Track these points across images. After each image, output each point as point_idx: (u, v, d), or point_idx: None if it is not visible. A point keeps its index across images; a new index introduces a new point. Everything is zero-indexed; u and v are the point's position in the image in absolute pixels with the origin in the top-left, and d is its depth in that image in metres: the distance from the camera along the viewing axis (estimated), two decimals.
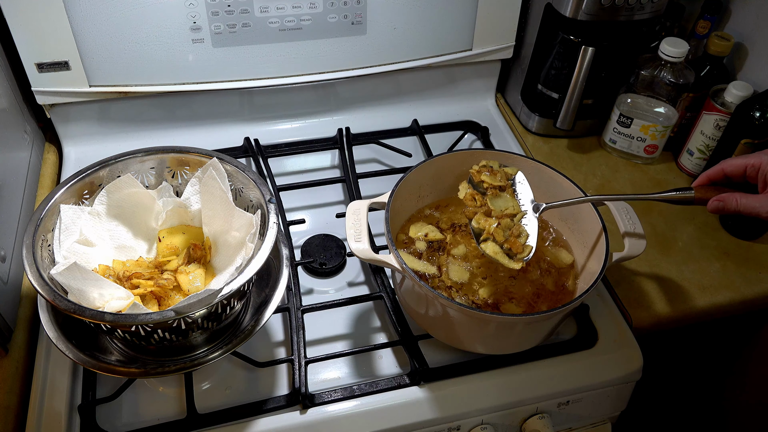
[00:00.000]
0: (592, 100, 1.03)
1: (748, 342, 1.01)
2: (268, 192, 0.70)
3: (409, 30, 1.00)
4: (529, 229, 0.71)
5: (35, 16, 0.84)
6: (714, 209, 0.62)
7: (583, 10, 0.91)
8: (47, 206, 0.67)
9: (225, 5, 0.90)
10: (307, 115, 1.08)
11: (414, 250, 0.77)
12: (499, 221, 0.70)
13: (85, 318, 0.58)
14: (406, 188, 0.76)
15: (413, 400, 0.71)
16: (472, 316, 0.66)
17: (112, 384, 0.70)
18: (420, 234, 0.79)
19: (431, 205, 0.83)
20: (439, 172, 0.81)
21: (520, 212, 0.72)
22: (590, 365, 0.76)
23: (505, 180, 0.75)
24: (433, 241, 0.78)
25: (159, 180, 0.76)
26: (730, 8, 1.04)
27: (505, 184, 0.74)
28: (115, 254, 0.73)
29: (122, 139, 1.00)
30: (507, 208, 0.72)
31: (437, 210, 0.83)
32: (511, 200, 0.73)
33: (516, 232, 0.70)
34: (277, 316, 0.80)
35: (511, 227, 0.70)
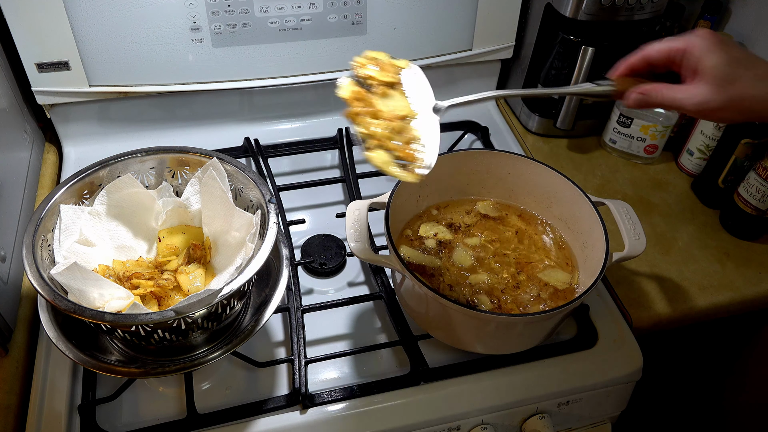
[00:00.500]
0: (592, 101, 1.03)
1: (748, 342, 1.01)
2: (268, 192, 0.70)
3: (409, 30, 1.00)
4: (427, 134, 0.61)
5: (35, 16, 0.84)
6: (635, 102, 0.56)
7: (583, 10, 0.91)
8: (47, 206, 0.67)
9: (225, 5, 0.90)
10: (307, 115, 1.08)
11: (421, 247, 0.78)
12: (390, 124, 0.59)
13: (85, 318, 0.58)
14: (406, 188, 0.76)
15: (413, 400, 0.71)
16: (472, 316, 0.66)
17: (112, 384, 0.70)
18: (430, 233, 0.79)
19: (432, 206, 0.83)
20: (439, 173, 0.80)
21: (412, 113, 0.61)
22: (590, 365, 0.76)
23: (395, 75, 0.64)
24: (443, 241, 0.78)
25: (159, 180, 0.76)
26: (730, 8, 1.04)
27: (396, 80, 0.63)
28: (115, 254, 0.73)
29: (122, 139, 1.00)
30: (398, 109, 0.61)
31: (437, 210, 0.83)
32: (402, 99, 0.62)
33: (407, 138, 0.59)
34: (277, 316, 0.80)
35: (402, 131, 0.60)
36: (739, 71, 0.51)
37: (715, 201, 0.96)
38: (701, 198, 0.98)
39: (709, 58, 0.52)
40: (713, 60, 0.51)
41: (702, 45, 0.52)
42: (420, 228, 0.80)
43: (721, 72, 0.51)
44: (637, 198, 0.98)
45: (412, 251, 0.77)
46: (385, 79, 0.63)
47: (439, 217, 0.82)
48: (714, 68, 0.51)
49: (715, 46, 0.52)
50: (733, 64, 0.51)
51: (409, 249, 0.77)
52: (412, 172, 0.58)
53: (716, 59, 0.51)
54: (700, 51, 0.52)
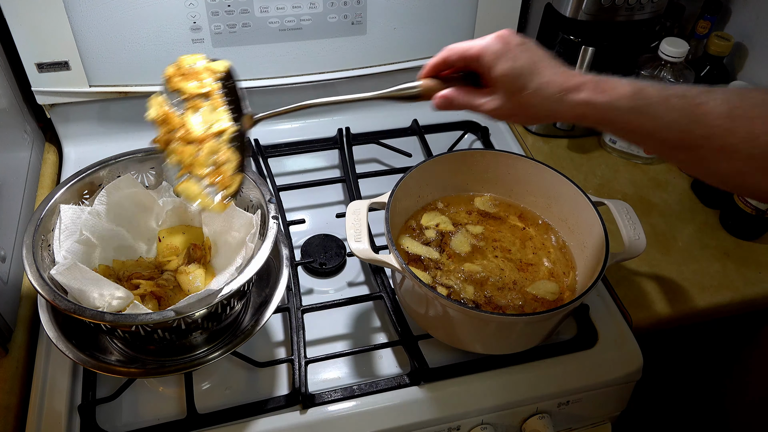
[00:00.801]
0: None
1: (748, 342, 1.01)
2: (268, 192, 0.70)
3: (409, 30, 1.00)
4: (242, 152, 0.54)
5: (35, 16, 0.84)
6: (440, 106, 0.58)
7: (583, 10, 0.91)
8: (47, 206, 0.67)
9: (225, 5, 0.90)
10: (307, 115, 1.08)
11: (421, 238, 0.78)
12: (201, 146, 0.52)
13: (85, 318, 0.58)
14: (406, 188, 0.76)
15: (413, 400, 0.71)
16: (472, 316, 0.66)
17: (112, 384, 0.70)
18: (432, 223, 0.79)
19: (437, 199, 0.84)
20: (439, 172, 0.81)
21: (230, 129, 0.54)
22: (590, 365, 0.76)
23: (213, 82, 0.56)
24: (444, 232, 0.79)
25: (159, 180, 0.76)
26: (730, 8, 1.04)
27: (212, 89, 0.56)
28: (115, 254, 0.73)
29: (122, 139, 1.00)
30: (211, 125, 0.53)
31: (442, 204, 0.84)
32: (218, 113, 0.55)
33: (223, 158, 0.53)
34: (277, 316, 0.80)
35: (217, 151, 0.53)
36: (522, 82, 0.53)
37: (715, 201, 0.96)
38: (701, 198, 0.98)
39: (498, 67, 0.54)
40: (502, 69, 0.54)
41: (494, 52, 0.54)
42: (423, 217, 0.81)
43: (508, 82, 0.54)
44: (637, 198, 0.98)
45: (411, 242, 0.77)
46: (196, 91, 0.55)
47: (443, 210, 0.82)
48: (502, 78, 0.54)
49: (505, 54, 0.54)
50: (519, 75, 0.53)
51: (409, 240, 0.78)
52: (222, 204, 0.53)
53: (505, 68, 0.54)
54: (491, 59, 0.54)
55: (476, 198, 0.84)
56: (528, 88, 0.53)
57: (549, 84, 0.53)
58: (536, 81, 0.53)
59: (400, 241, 0.78)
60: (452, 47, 0.57)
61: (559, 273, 0.77)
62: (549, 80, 0.53)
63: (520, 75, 0.53)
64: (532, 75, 0.53)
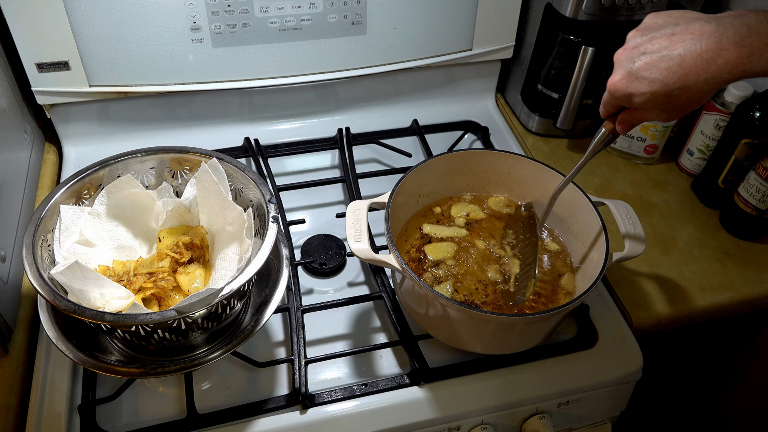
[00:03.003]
0: (592, 100, 1.03)
1: (748, 342, 1.01)
2: (268, 192, 0.70)
3: (409, 30, 1.00)
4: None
5: (35, 16, 0.84)
6: (623, 130, 0.62)
7: (583, 10, 0.91)
8: (47, 206, 0.67)
9: (225, 5, 0.90)
10: (307, 115, 1.08)
11: (448, 223, 0.81)
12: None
13: (85, 318, 0.58)
14: (406, 188, 0.76)
15: (413, 400, 0.71)
16: (472, 316, 0.66)
17: (112, 384, 0.70)
18: (462, 213, 0.81)
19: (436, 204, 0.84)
20: (439, 172, 0.81)
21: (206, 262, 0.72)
22: (590, 365, 0.76)
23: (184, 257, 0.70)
24: (473, 221, 0.81)
25: (159, 180, 0.76)
26: (730, 8, 1.04)
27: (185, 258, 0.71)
28: (115, 254, 0.73)
29: (122, 139, 1.00)
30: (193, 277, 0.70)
31: (470, 194, 0.85)
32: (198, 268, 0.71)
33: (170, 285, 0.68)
34: (277, 316, 0.80)
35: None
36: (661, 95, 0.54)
37: (715, 201, 0.96)
38: (701, 198, 0.98)
39: (636, 102, 0.57)
40: (639, 102, 0.56)
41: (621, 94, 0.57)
42: (452, 208, 0.83)
43: (651, 104, 0.56)
44: (637, 198, 0.98)
45: (435, 227, 0.80)
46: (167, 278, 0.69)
47: (471, 201, 0.84)
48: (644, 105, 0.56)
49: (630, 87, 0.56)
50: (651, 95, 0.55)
51: (432, 226, 0.80)
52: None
53: (639, 102, 0.56)
54: (625, 100, 0.58)
55: (489, 198, 0.85)
56: (671, 94, 0.53)
57: (687, 77, 0.52)
58: (673, 84, 0.53)
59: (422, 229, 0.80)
60: (604, 104, 0.62)
61: (559, 273, 0.77)
62: (684, 73, 0.52)
63: (655, 95, 0.54)
64: (666, 84, 0.53)
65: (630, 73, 0.55)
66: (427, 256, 0.76)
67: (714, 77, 0.51)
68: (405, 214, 0.81)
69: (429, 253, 0.76)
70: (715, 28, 0.51)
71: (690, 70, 0.52)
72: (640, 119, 0.60)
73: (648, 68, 0.54)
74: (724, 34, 0.50)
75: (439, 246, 0.77)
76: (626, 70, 0.56)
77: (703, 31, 0.51)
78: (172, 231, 0.74)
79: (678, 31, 0.53)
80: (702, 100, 0.54)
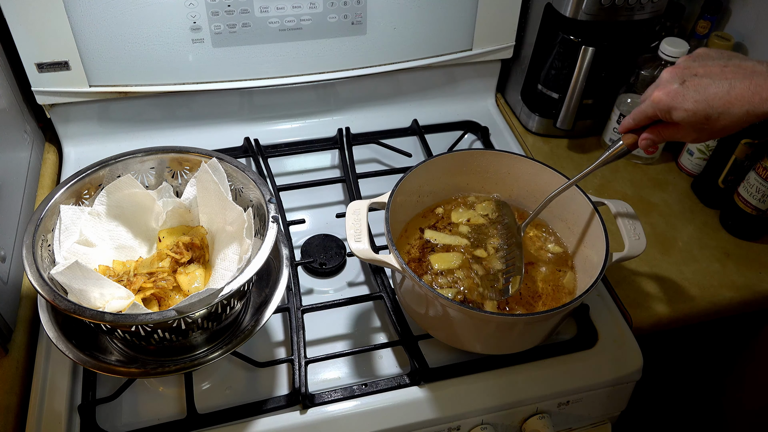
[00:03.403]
0: (592, 100, 1.03)
1: (748, 342, 1.01)
2: (268, 192, 0.70)
3: (409, 30, 1.00)
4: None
5: (35, 16, 0.84)
6: (645, 147, 0.65)
7: (583, 10, 0.91)
8: (47, 206, 0.67)
9: (225, 5, 0.90)
10: (307, 115, 1.08)
11: (449, 230, 0.80)
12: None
13: (85, 318, 0.58)
14: (406, 188, 0.76)
15: (413, 400, 0.71)
16: (472, 316, 0.66)
17: (112, 384, 0.70)
18: (462, 219, 0.81)
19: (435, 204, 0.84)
20: (439, 172, 0.81)
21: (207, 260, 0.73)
22: (590, 365, 0.76)
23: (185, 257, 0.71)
24: (475, 225, 0.80)
25: (159, 180, 0.76)
26: (730, 8, 1.04)
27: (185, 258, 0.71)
28: (115, 254, 0.73)
29: (122, 139, 1.00)
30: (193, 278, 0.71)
31: (474, 198, 0.85)
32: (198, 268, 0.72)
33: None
34: (277, 316, 0.80)
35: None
36: (703, 116, 0.57)
37: (715, 201, 0.96)
38: (701, 198, 0.98)
39: (675, 117, 0.59)
40: (678, 118, 0.59)
41: (665, 107, 0.60)
42: (452, 213, 0.82)
43: (691, 124, 0.59)
44: (637, 198, 0.98)
45: (436, 233, 0.78)
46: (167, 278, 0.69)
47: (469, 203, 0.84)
48: (683, 122, 0.59)
49: (674, 104, 0.59)
50: (694, 114, 0.58)
51: (433, 232, 0.79)
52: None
53: (680, 117, 0.59)
54: (666, 114, 0.60)
55: (478, 205, 0.84)
56: (711, 117, 0.57)
57: (731, 105, 0.56)
58: (716, 109, 0.57)
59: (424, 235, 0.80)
60: (636, 115, 0.64)
61: (559, 273, 0.77)
62: (728, 101, 0.56)
63: (696, 114, 0.57)
64: (710, 107, 0.57)
65: (677, 89, 0.59)
66: (431, 264, 0.75)
67: (755, 110, 0.56)
68: (405, 214, 0.81)
69: (434, 262, 0.75)
70: (766, 69, 0.56)
71: (736, 99, 0.56)
72: (669, 137, 0.63)
73: (696, 88, 0.58)
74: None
75: (444, 256, 0.76)
76: (673, 85, 0.59)
77: (755, 70, 0.56)
78: (172, 231, 0.74)
79: (731, 64, 0.58)
80: (736, 129, 0.58)
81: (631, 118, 0.65)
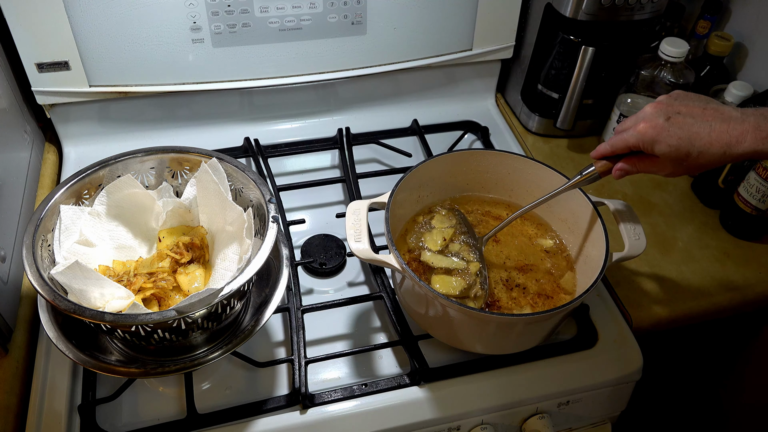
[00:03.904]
0: (592, 100, 1.03)
1: (748, 342, 1.01)
2: (268, 192, 0.70)
3: (409, 30, 1.00)
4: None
5: (35, 16, 0.84)
6: (618, 177, 0.67)
7: (583, 10, 0.91)
8: (47, 206, 0.67)
9: (225, 5, 0.90)
10: (307, 115, 1.08)
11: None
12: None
13: (85, 318, 0.58)
14: (406, 188, 0.76)
15: (413, 400, 0.71)
16: (472, 316, 0.66)
17: (112, 384, 0.70)
18: (439, 240, 0.78)
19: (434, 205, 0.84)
20: (439, 172, 0.81)
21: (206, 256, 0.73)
22: (590, 365, 0.76)
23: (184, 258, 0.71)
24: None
25: (159, 180, 0.76)
26: (730, 8, 1.04)
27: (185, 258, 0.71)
28: (115, 254, 0.73)
29: (122, 139, 1.00)
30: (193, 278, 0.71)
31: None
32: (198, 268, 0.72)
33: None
34: (277, 316, 0.80)
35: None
36: (684, 152, 0.61)
37: (715, 201, 0.96)
38: (701, 198, 0.98)
39: (657, 150, 0.62)
40: (660, 151, 0.62)
41: (649, 139, 0.62)
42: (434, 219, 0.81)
43: (671, 158, 0.62)
44: (637, 198, 0.98)
45: (434, 256, 0.76)
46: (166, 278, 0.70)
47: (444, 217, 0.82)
48: (664, 156, 0.62)
49: (659, 138, 0.61)
50: (677, 150, 0.61)
51: (431, 255, 0.76)
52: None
53: (662, 150, 0.62)
54: (648, 146, 0.63)
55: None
56: (691, 155, 0.61)
57: (710, 145, 0.60)
58: (696, 147, 0.60)
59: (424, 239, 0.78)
60: (615, 143, 0.66)
61: (559, 273, 0.77)
62: (709, 141, 0.60)
63: (678, 150, 0.61)
64: (692, 144, 0.60)
65: (662, 124, 0.62)
66: (434, 285, 0.74)
67: (732, 152, 0.59)
68: (405, 214, 0.81)
69: (436, 282, 0.73)
70: (741, 114, 0.60)
71: (715, 140, 0.60)
72: (645, 169, 0.66)
73: (681, 125, 0.61)
74: (746, 120, 0.59)
75: (447, 279, 0.73)
76: (657, 120, 0.62)
77: (731, 115, 0.60)
78: (172, 231, 0.74)
79: (710, 107, 0.62)
80: (710, 167, 0.62)
81: (609, 145, 0.67)
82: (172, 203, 0.75)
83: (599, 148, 0.69)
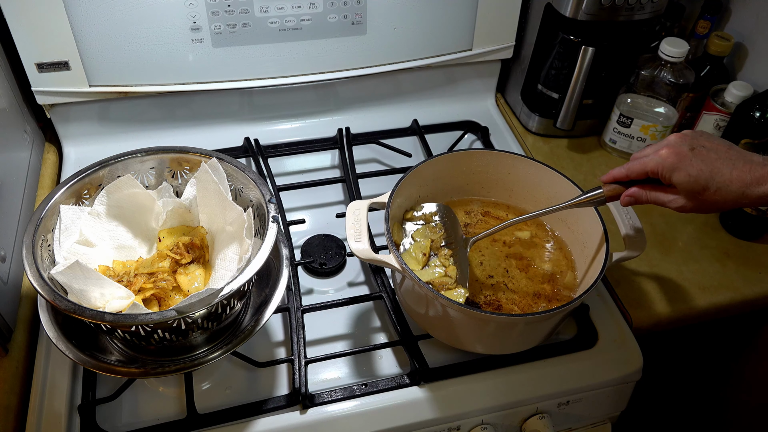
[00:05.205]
0: (592, 100, 1.03)
1: (748, 342, 1.01)
2: (268, 192, 0.70)
3: (409, 30, 1.00)
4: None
5: (35, 16, 0.84)
6: (626, 203, 0.66)
7: (583, 10, 0.91)
8: (47, 206, 0.67)
9: (225, 5, 0.90)
10: (307, 115, 1.08)
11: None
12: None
13: (85, 318, 0.58)
14: (406, 188, 0.76)
15: (413, 400, 0.71)
16: (472, 316, 0.66)
17: (112, 384, 0.70)
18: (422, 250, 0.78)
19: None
20: (439, 172, 0.81)
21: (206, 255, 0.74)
22: (590, 365, 0.76)
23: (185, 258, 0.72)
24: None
25: (159, 180, 0.76)
26: (730, 8, 1.04)
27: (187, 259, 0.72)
28: (115, 254, 0.73)
29: (122, 139, 1.00)
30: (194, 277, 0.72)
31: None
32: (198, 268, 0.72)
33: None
34: (277, 316, 0.80)
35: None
36: (702, 185, 0.60)
37: None
38: None
39: (675, 178, 0.61)
40: (678, 180, 0.61)
41: (669, 165, 0.61)
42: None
43: (688, 189, 0.61)
44: None
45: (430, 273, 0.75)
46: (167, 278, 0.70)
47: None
48: (680, 186, 0.61)
49: (679, 166, 0.61)
50: (696, 181, 0.60)
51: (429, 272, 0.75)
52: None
53: (681, 179, 0.61)
54: (668, 173, 0.62)
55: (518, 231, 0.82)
56: (709, 189, 0.60)
57: (730, 182, 0.60)
58: (716, 182, 0.60)
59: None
60: (632, 166, 0.65)
61: (559, 273, 0.77)
62: (729, 178, 0.60)
63: (697, 181, 0.60)
64: (711, 178, 0.60)
65: (686, 152, 0.61)
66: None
67: (750, 193, 0.60)
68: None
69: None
70: (763, 159, 0.60)
71: (735, 178, 0.60)
72: (656, 199, 0.64)
73: (703, 158, 0.61)
74: (767, 166, 0.60)
75: (450, 294, 0.72)
76: (681, 148, 0.62)
77: (753, 159, 0.61)
78: (172, 231, 0.74)
79: (734, 149, 0.62)
80: (724, 208, 0.62)
81: (625, 169, 0.66)
82: (172, 203, 0.75)
83: (612, 172, 0.67)
